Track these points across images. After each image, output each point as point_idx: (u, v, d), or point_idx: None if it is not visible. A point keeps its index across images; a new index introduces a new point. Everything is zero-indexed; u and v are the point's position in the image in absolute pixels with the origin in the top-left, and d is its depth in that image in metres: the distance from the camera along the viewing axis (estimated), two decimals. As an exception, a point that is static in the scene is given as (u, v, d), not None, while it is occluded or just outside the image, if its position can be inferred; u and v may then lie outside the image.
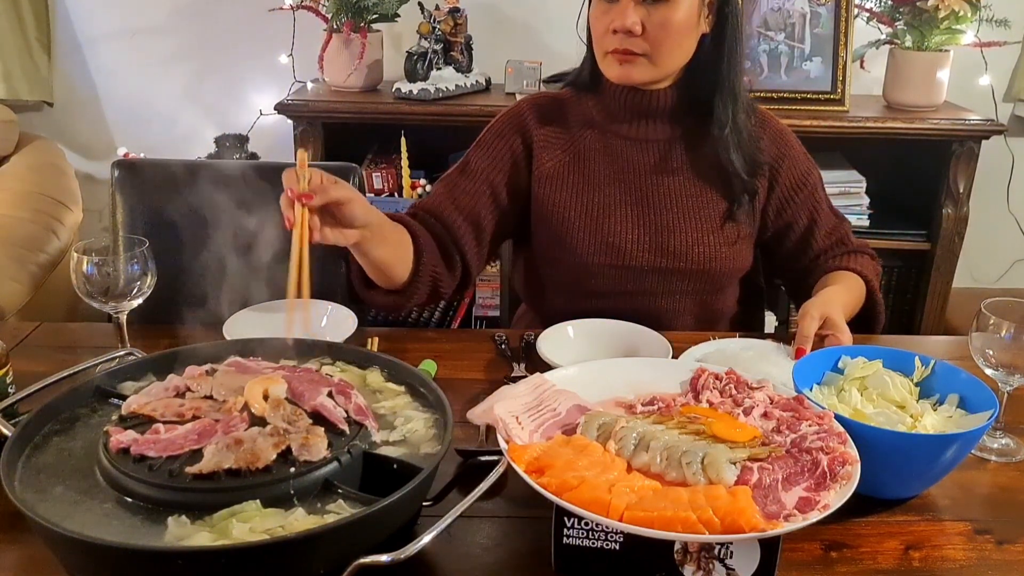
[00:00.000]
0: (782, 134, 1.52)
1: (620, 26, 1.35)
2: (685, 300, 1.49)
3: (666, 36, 1.36)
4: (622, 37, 1.36)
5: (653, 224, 1.45)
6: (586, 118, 1.51)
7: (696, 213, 1.46)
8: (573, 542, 0.86)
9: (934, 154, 2.58)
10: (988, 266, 3.02)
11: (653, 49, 1.37)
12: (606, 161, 1.48)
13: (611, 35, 1.37)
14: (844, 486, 0.86)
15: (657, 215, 1.46)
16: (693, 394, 1.06)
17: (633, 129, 1.48)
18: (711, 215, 1.46)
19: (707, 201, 1.47)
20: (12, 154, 2.65)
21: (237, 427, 0.88)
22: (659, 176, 1.47)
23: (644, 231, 1.45)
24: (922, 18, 2.46)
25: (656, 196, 1.46)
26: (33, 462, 0.88)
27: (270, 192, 1.39)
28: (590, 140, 1.50)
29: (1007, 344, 1.08)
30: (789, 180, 1.50)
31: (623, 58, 1.38)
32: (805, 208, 1.51)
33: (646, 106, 1.46)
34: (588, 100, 1.51)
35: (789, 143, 1.52)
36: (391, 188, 2.64)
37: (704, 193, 1.47)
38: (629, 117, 1.48)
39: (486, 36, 2.72)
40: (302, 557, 0.75)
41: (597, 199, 1.47)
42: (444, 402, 0.96)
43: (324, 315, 1.41)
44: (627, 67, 1.39)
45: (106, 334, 1.43)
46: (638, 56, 1.38)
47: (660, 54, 1.38)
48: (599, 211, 1.46)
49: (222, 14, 2.81)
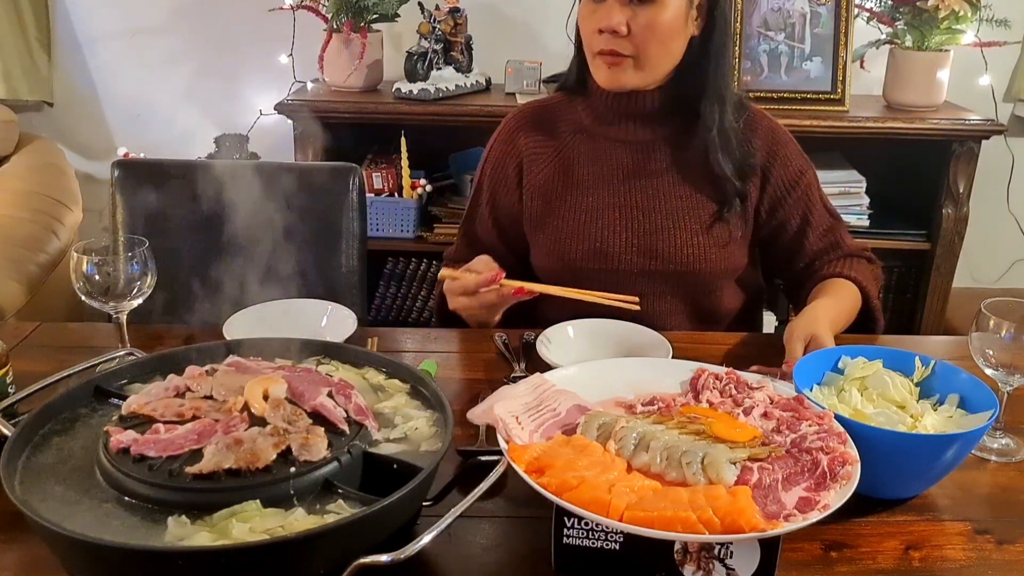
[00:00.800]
0: (774, 133, 1.50)
1: (606, 26, 1.35)
2: (675, 302, 1.49)
3: (652, 37, 1.36)
4: (608, 38, 1.36)
5: (641, 227, 1.46)
6: (575, 123, 1.51)
7: (684, 215, 1.46)
8: (573, 542, 0.86)
9: (934, 154, 2.58)
10: (988, 266, 3.02)
11: (639, 51, 1.37)
12: (593, 165, 1.49)
13: (598, 35, 1.37)
14: (844, 486, 0.86)
15: (645, 217, 1.46)
16: (693, 394, 1.06)
17: (621, 131, 1.48)
18: (700, 216, 1.46)
19: (696, 203, 1.46)
20: (12, 154, 2.66)
21: (237, 427, 0.88)
22: (646, 178, 1.47)
23: (632, 234, 1.45)
24: (922, 18, 2.46)
25: (643, 198, 1.47)
26: (33, 462, 0.88)
27: (270, 192, 1.39)
28: (577, 145, 1.50)
29: (1007, 344, 1.08)
30: (782, 180, 1.49)
31: (611, 60, 1.38)
32: (798, 208, 1.50)
33: (633, 108, 1.46)
34: (578, 104, 1.52)
35: (782, 142, 1.50)
36: (391, 188, 2.65)
37: (693, 195, 1.47)
38: (616, 119, 1.48)
39: (486, 36, 2.72)
40: (302, 557, 0.76)
41: (585, 204, 1.47)
42: (444, 401, 0.96)
43: (324, 315, 1.41)
44: (616, 71, 1.39)
45: (106, 334, 1.43)
46: (625, 59, 1.38)
47: (647, 56, 1.37)
48: (587, 217, 1.47)
49: (222, 14, 2.81)
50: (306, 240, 1.70)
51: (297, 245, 1.68)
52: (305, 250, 1.69)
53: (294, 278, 1.59)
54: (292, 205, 1.68)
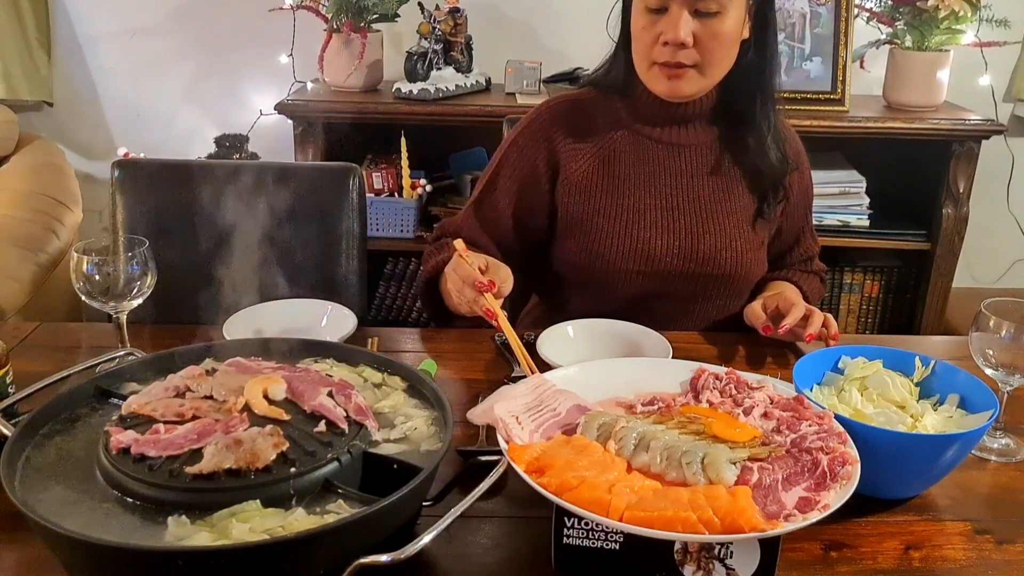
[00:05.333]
0: (797, 139, 1.56)
1: (673, 39, 1.33)
2: (706, 305, 1.50)
3: (718, 47, 1.35)
4: (672, 49, 1.34)
5: (683, 229, 1.45)
6: (614, 120, 1.49)
7: (725, 218, 1.47)
8: (573, 542, 0.86)
9: (934, 154, 2.58)
10: (988, 266, 3.02)
11: (704, 60, 1.36)
12: (636, 164, 1.47)
13: (660, 47, 1.35)
14: (844, 486, 0.86)
15: (687, 220, 1.46)
16: (693, 394, 1.06)
17: (666, 133, 1.47)
18: (739, 220, 1.47)
19: (736, 207, 1.48)
20: (12, 154, 2.65)
21: (237, 427, 0.88)
22: (690, 180, 1.47)
23: (674, 236, 1.45)
24: (922, 18, 2.46)
25: (687, 201, 1.46)
26: (33, 462, 0.88)
27: (270, 192, 1.40)
28: (620, 142, 1.48)
29: (1007, 344, 1.08)
30: (798, 189, 1.53)
31: (673, 72, 1.37)
32: (798, 222, 1.56)
33: (682, 112, 1.45)
34: (615, 101, 1.49)
35: (801, 152, 1.55)
36: (391, 188, 2.65)
37: (733, 198, 1.48)
38: (662, 122, 1.47)
39: (486, 36, 2.72)
40: (302, 557, 0.76)
41: (627, 204, 1.46)
42: (444, 401, 0.96)
43: (324, 315, 1.41)
44: (676, 82, 1.38)
45: (106, 334, 1.43)
46: (688, 69, 1.37)
47: (711, 65, 1.37)
48: (629, 217, 1.45)
49: (222, 14, 2.81)
50: (306, 240, 1.69)
51: (297, 245, 1.68)
52: (305, 250, 1.69)
53: (294, 278, 1.60)
54: (292, 205, 1.68)
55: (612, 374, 1.09)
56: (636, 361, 1.18)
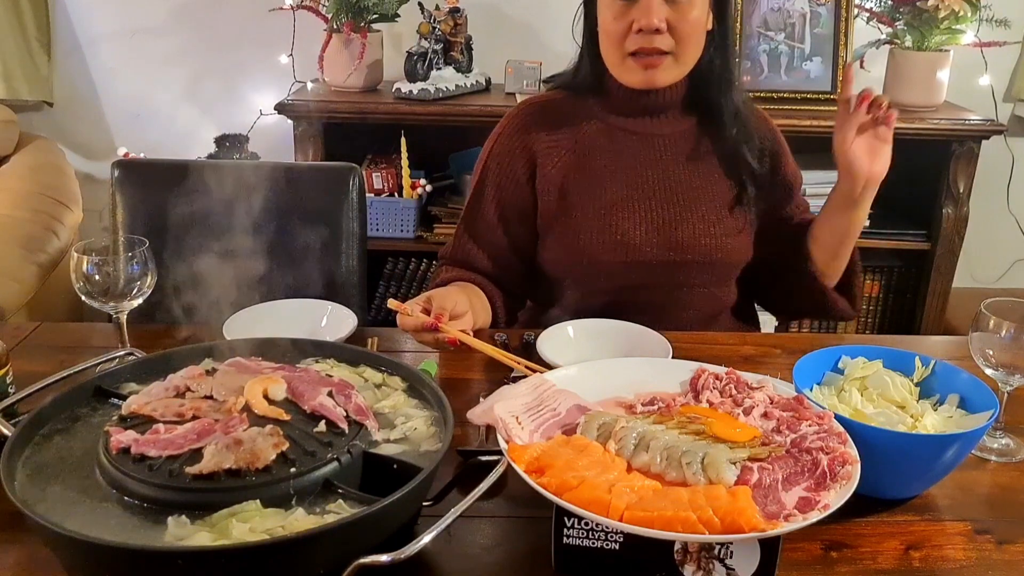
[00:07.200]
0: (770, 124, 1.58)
1: (647, 24, 1.35)
2: (692, 292, 1.50)
3: (691, 31, 1.38)
4: (647, 36, 1.36)
5: (660, 218, 1.46)
6: (587, 117, 1.51)
7: (701, 205, 1.48)
8: (573, 542, 0.86)
9: (934, 154, 2.57)
10: (988, 266, 3.02)
11: (679, 45, 1.38)
12: (612, 157, 1.48)
13: (634, 35, 1.37)
14: (844, 486, 0.86)
15: (664, 209, 1.47)
16: (693, 394, 1.06)
17: (640, 124, 1.49)
18: (716, 206, 1.48)
19: (712, 193, 1.49)
20: (12, 154, 2.65)
21: (237, 427, 0.88)
22: (665, 170, 1.48)
23: (651, 226, 1.46)
24: (922, 18, 2.46)
25: (663, 190, 1.47)
26: (33, 462, 0.88)
27: (270, 192, 1.40)
28: (594, 136, 1.50)
29: (1007, 344, 1.08)
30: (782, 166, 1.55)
31: (648, 62, 1.39)
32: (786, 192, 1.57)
33: (656, 103, 1.47)
34: (587, 99, 1.51)
35: (776, 131, 1.58)
36: (391, 188, 2.65)
37: (709, 185, 1.49)
38: (636, 113, 1.48)
39: (486, 36, 2.72)
40: (302, 557, 0.75)
41: (604, 197, 1.47)
42: (444, 401, 0.96)
43: (324, 315, 1.41)
44: (652, 72, 1.40)
45: (106, 334, 1.43)
46: (664, 56, 1.39)
47: (685, 50, 1.39)
48: (606, 209, 1.46)
49: (222, 14, 2.81)
50: (306, 240, 1.70)
51: (297, 245, 1.68)
52: (305, 250, 1.69)
53: (294, 278, 1.60)
54: (292, 205, 1.68)
55: (612, 374, 1.09)
56: (636, 361, 1.18)
